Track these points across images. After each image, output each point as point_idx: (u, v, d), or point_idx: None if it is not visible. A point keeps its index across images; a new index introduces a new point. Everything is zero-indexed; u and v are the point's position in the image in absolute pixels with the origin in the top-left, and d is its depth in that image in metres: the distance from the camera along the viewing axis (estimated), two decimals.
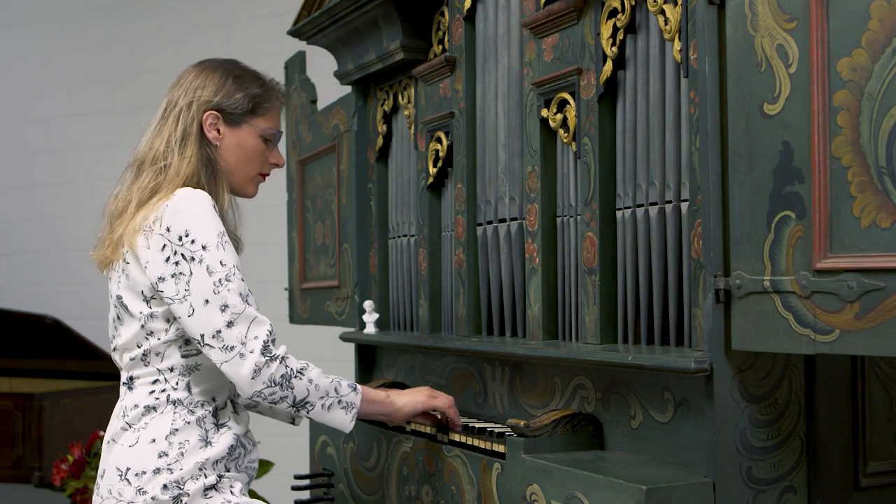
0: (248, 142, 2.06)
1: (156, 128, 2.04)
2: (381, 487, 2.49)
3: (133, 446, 1.90)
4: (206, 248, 1.87)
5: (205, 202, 1.90)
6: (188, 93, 2.03)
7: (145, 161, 2.00)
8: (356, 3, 2.70)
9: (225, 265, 1.87)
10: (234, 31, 5.74)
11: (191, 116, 2.01)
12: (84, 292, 6.26)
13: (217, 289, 1.85)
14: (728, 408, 1.73)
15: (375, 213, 3.00)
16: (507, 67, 2.39)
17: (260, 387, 1.86)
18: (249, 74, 2.10)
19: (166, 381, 1.93)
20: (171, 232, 1.87)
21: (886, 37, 1.44)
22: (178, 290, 1.87)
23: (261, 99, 2.07)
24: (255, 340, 1.86)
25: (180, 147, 1.99)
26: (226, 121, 2.04)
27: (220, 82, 2.05)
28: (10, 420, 5.12)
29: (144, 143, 2.04)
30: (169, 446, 1.88)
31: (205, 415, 1.93)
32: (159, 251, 1.88)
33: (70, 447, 4.24)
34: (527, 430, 1.95)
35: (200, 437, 1.91)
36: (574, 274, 2.16)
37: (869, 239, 1.47)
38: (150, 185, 1.96)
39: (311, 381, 1.92)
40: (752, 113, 1.63)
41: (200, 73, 2.07)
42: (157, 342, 1.92)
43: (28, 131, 6.56)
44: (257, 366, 1.85)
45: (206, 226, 1.88)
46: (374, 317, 2.88)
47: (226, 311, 1.85)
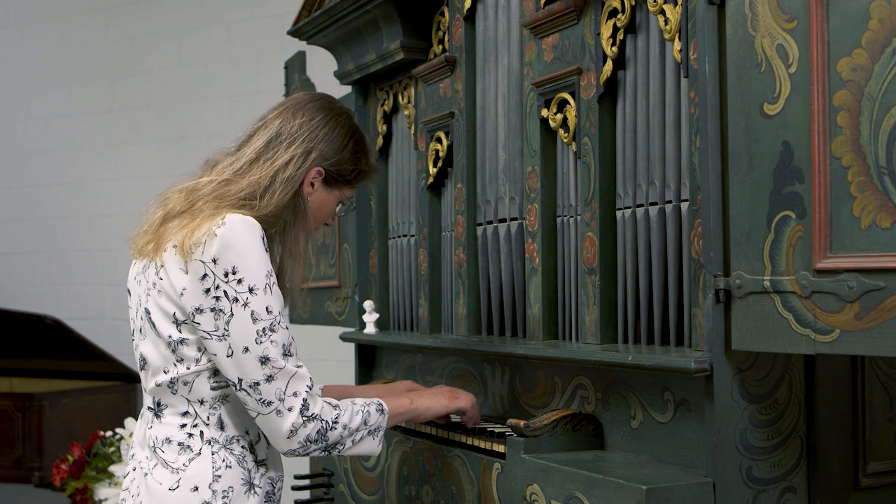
0: (329, 204, 1.99)
1: (262, 152, 1.90)
2: (381, 487, 2.49)
3: (174, 490, 1.80)
4: (254, 291, 1.75)
5: (256, 235, 1.78)
6: (310, 139, 1.92)
7: (238, 183, 1.86)
8: (356, 3, 2.70)
9: (271, 312, 1.76)
10: (234, 31, 5.74)
11: (304, 167, 1.90)
12: (84, 292, 6.27)
13: (260, 339, 1.75)
14: (728, 408, 1.73)
15: (375, 213, 3.00)
16: (507, 67, 2.39)
17: (295, 446, 1.81)
18: (365, 145, 2.02)
19: (197, 414, 1.83)
20: (216, 264, 1.74)
21: (886, 37, 1.44)
22: (217, 325, 1.76)
23: (363, 176, 2.02)
24: (295, 398, 1.78)
25: (281, 193, 1.86)
26: (324, 181, 1.95)
27: (342, 143, 1.96)
28: (10, 420, 5.12)
29: (244, 159, 1.90)
30: (213, 496, 1.79)
31: (243, 453, 1.84)
32: (199, 280, 1.75)
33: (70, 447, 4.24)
34: (527, 430, 1.95)
35: (244, 481, 1.83)
36: (574, 274, 2.16)
37: (869, 239, 1.47)
38: (233, 207, 1.82)
39: (345, 426, 1.85)
40: (752, 113, 1.63)
41: (328, 121, 1.96)
42: (186, 371, 1.81)
43: (28, 131, 6.57)
44: (294, 426, 1.78)
45: (256, 264, 1.76)
46: (374, 317, 2.88)
47: (266, 365, 1.76)
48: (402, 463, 2.38)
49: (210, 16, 5.84)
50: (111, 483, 3.89)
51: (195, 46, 5.89)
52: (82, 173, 6.32)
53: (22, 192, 6.58)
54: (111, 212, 6.14)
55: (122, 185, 6.09)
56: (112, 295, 6.11)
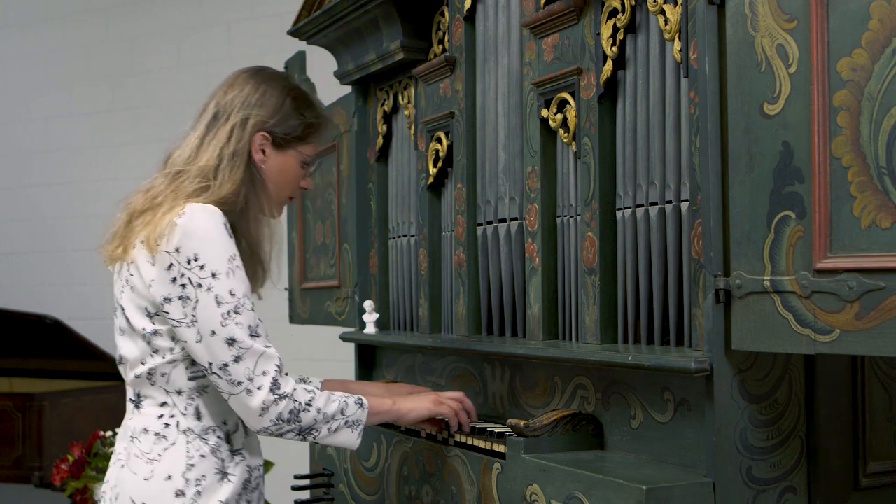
0: (290, 166, 2.00)
1: (205, 135, 1.95)
2: (381, 487, 2.49)
3: (148, 480, 1.83)
4: (216, 276, 1.80)
5: (217, 222, 1.83)
6: (245, 107, 1.95)
7: (189, 171, 1.91)
8: (356, 3, 2.70)
9: (234, 295, 1.81)
10: (234, 31, 5.74)
11: (245, 136, 1.93)
12: (84, 292, 6.27)
13: (225, 321, 1.79)
14: (728, 408, 1.73)
15: (375, 213, 3.00)
16: (507, 67, 2.39)
17: (267, 424, 1.83)
18: (305, 98, 2.03)
19: (174, 405, 1.87)
20: (179, 253, 1.80)
21: (886, 37, 1.44)
22: (185, 313, 1.81)
23: (313, 128, 2.02)
24: (264, 377, 1.81)
25: (231, 168, 1.91)
26: (273, 143, 1.97)
27: (277, 102, 1.97)
28: (10, 420, 5.12)
29: (191, 147, 1.95)
30: (186, 484, 1.82)
31: (218, 443, 1.87)
32: (165, 270, 1.81)
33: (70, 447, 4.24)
34: (527, 430, 1.95)
35: (217, 470, 1.85)
36: (574, 274, 2.16)
37: (869, 239, 1.47)
38: (191, 197, 1.87)
39: (319, 409, 1.88)
40: (752, 113, 1.63)
41: (258, 86, 1.98)
42: (161, 361, 1.86)
43: (28, 131, 6.57)
44: (265, 403, 1.81)
45: (217, 250, 1.81)
46: (374, 317, 2.88)
47: (233, 346, 1.80)
48: (402, 463, 2.38)
49: (210, 16, 5.84)
50: None
51: (195, 46, 5.89)
52: (82, 173, 6.32)
53: (22, 192, 6.58)
54: (111, 212, 6.14)
55: (122, 185, 6.03)
56: (112, 295, 6.10)
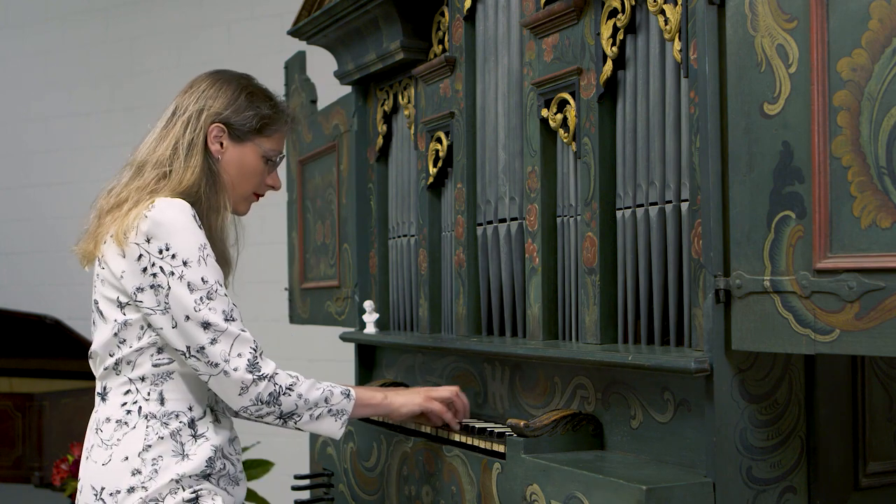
0: (248, 160, 2.04)
1: (162, 130, 2.01)
2: (381, 487, 2.49)
3: (106, 465, 1.87)
4: (187, 264, 1.85)
5: (186, 213, 1.88)
6: (199, 101, 2.01)
7: (148, 163, 1.97)
8: (356, 3, 2.70)
9: (206, 282, 1.86)
10: (234, 31, 5.74)
11: (199, 126, 1.99)
12: (84, 292, 6.23)
13: (198, 307, 1.84)
14: (728, 408, 1.73)
15: (375, 213, 3.00)
16: (507, 67, 2.39)
17: (247, 403, 1.87)
18: (262, 93, 2.08)
19: (137, 391, 1.90)
20: (150, 243, 1.85)
21: (886, 37, 1.44)
22: (157, 301, 1.85)
23: (269, 120, 2.05)
24: (239, 358, 1.85)
25: (186, 155, 1.96)
26: (230, 135, 2.01)
27: (232, 96, 2.02)
28: (10, 420, 5.12)
29: (149, 143, 2.01)
30: (142, 463, 1.85)
31: (180, 427, 1.89)
32: (135, 261, 1.86)
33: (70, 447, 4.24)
34: (527, 430, 1.95)
35: (175, 451, 1.87)
36: (574, 274, 2.16)
37: (869, 239, 1.47)
38: (151, 188, 1.93)
39: (301, 395, 1.91)
40: (752, 113, 1.63)
41: (214, 83, 2.04)
42: (128, 350, 1.90)
43: (28, 131, 6.57)
44: (244, 383, 1.85)
45: (187, 239, 1.86)
46: (374, 317, 2.88)
47: (208, 329, 1.84)
48: (402, 463, 2.38)
49: (210, 16, 5.84)
50: None
51: (195, 46, 5.89)
52: (82, 173, 6.31)
53: (22, 192, 6.58)
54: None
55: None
56: None
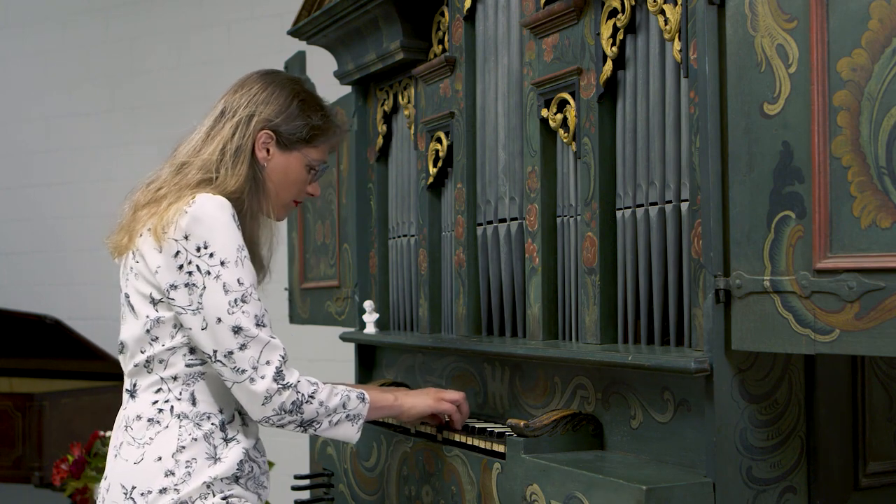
0: (293, 168, 2.00)
1: (210, 130, 1.97)
2: (381, 487, 2.49)
3: (138, 463, 1.84)
4: (225, 264, 1.81)
5: (227, 212, 1.84)
6: (250, 105, 1.96)
7: (192, 164, 1.93)
8: (356, 3, 2.70)
9: (242, 284, 1.82)
10: (234, 31, 5.74)
11: (249, 132, 1.95)
12: (84, 292, 6.27)
13: (232, 309, 1.80)
14: (728, 408, 1.73)
15: (375, 213, 3.00)
16: (507, 67, 2.39)
17: (269, 413, 1.84)
18: (314, 101, 2.04)
19: (169, 390, 1.87)
20: (188, 240, 1.81)
21: (886, 37, 1.44)
22: (191, 300, 1.81)
23: (319, 131, 2.02)
24: (268, 366, 1.82)
25: (233, 162, 1.92)
26: (278, 143, 1.98)
27: (284, 102, 1.98)
28: (10, 420, 5.12)
29: (194, 142, 1.97)
30: (176, 465, 1.82)
31: (212, 429, 1.86)
32: (172, 257, 1.82)
33: (70, 447, 4.24)
34: (527, 430, 1.95)
35: (208, 455, 1.84)
36: (574, 274, 2.16)
37: (869, 239, 1.47)
38: (193, 188, 1.89)
39: (322, 403, 1.89)
40: (752, 113, 1.63)
41: (267, 86, 1.99)
42: (161, 348, 1.86)
43: (28, 131, 6.57)
44: (269, 392, 1.82)
45: (227, 239, 1.82)
46: (374, 317, 2.88)
47: (239, 334, 1.80)
48: (402, 463, 2.38)
49: (210, 16, 5.84)
50: None
51: (195, 46, 5.89)
52: (82, 173, 6.31)
53: (22, 192, 6.58)
54: (111, 212, 6.12)
55: (122, 185, 6.03)
56: (112, 295, 6.05)
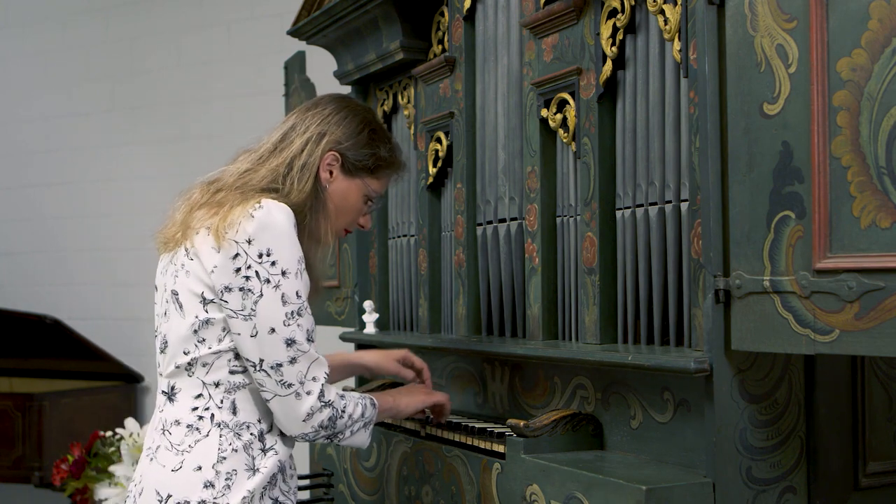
0: (352, 195, 2.00)
1: (279, 143, 1.96)
2: (381, 487, 2.49)
3: (176, 471, 1.79)
4: (286, 274, 1.78)
5: (290, 221, 1.82)
6: (322, 124, 1.97)
7: (258, 171, 1.91)
8: (356, 3, 2.70)
9: (300, 297, 1.80)
10: (234, 31, 5.74)
11: (318, 150, 1.94)
12: (84, 292, 6.27)
13: (288, 321, 1.78)
14: (728, 408, 1.73)
15: (375, 213, 3.00)
16: (507, 67, 2.39)
17: (308, 430, 1.82)
18: (383, 133, 2.05)
19: (210, 397, 1.83)
20: (251, 245, 1.77)
21: (886, 37, 1.44)
22: (244, 305, 1.78)
23: (384, 163, 2.03)
24: (314, 382, 1.81)
25: (300, 176, 1.91)
26: (343, 167, 1.97)
27: (355, 129, 1.98)
28: (10, 420, 5.12)
29: (261, 151, 1.96)
30: (216, 476, 1.78)
31: (251, 440, 1.83)
32: (230, 259, 1.78)
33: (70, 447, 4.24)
34: (527, 430, 1.95)
35: (247, 466, 1.81)
36: (574, 274, 2.16)
37: (869, 239, 1.47)
38: (258, 194, 1.86)
39: (350, 416, 1.88)
40: (752, 113, 1.63)
41: (340, 110, 2.00)
42: (207, 351, 1.82)
43: (27, 131, 6.57)
44: (312, 410, 1.80)
45: (290, 249, 1.80)
46: (374, 317, 2.88)
47: (291, 347, 1.78)
48: (402, 463, 2.38)
49: (210, 16, 5.84)
50: (111, 483, 3.89)
51: (195, 46, 5.89)
52: (82, 173, 6.31)
53: (22, 192, 6.58)
54: (111, 212, 6.14)
55: (122, 185, 6.09)
56: (112, 295, 6.11)
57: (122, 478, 3.69)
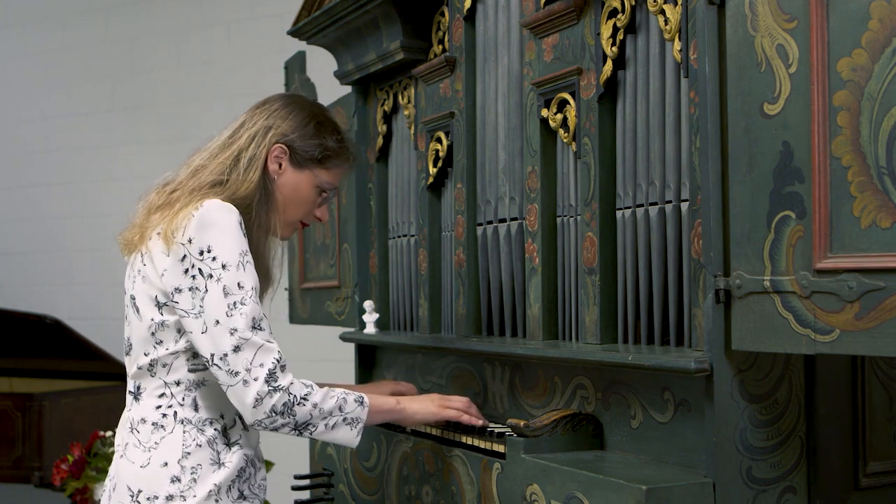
0: (303, 187, 2.04)
1: (228, 139, 2.02)
2: (381, 487, 2.49)
3: (145, 467, 1.87)
4: (226, 267, 1.83)
5: (233, 217, 1.87)
6: (269, 118, 2.02)
7: (206, 168, 1.97)
8: (356, 3, 2.70)
9: (242, 287, 1.83)
10: (234, 31, 5.74)
11: (265, 143, 2.00)
12: (84, 292, 6.27)
13: (230, 311, 1.81)
14: (728, 408, 1.73)
15: (375, 213, 3.00)
16: (507, 67, 2.39)
17: (261, 416, 1.83)
18: (331, 125, 2.09)
19: (172, 395, 1.89)
20: (192, 244, 1.83)
21: (886, 37, 1.44)
22: (193, 304, 1.83)
23: (332, 153, 2.06)
24: (261, 368, 1.82)
25: (246, 168, 1.96)
26: (291, 159, 2.02)
27: (301, 121, 2.03)
28: (10, 420, 5.12)
29: (211, 149, 2.02)
30: (181, 471, 1.85)
31: (215, 435, 1.89)
32: (178, 261, 1.84)
33: (70, 447, 4.24)
34: (527, 430, 1.95)
35: (213, 460, 1.87)
36: (574, 274, 2.16)
37: (869, 239, 1.47)
38: (204, 192, 1.92)
39: (315, 405, 1.88)
40: (752, 113, 1.63)
41: (287, 104, 2.06)
42: (164, 352, 1.89)
43: (28, 131, 6.57)
44: (259, 395, 1.81)
45: (230, 243, 1.84)
46: (374, 317, 2.88)
47: (233, 335, 1.81)
48: (402, 463, 2.38)
49: (210, 16, 5.84)
50: None
51: (195, 46, 5.89)
52: (82, 173, 6.32)
53: (22, 192, 6.58)
54: (111, 212, 6.14)
55: (122, 185, 6.09)
56: (112, 295, 6.11)
57: None
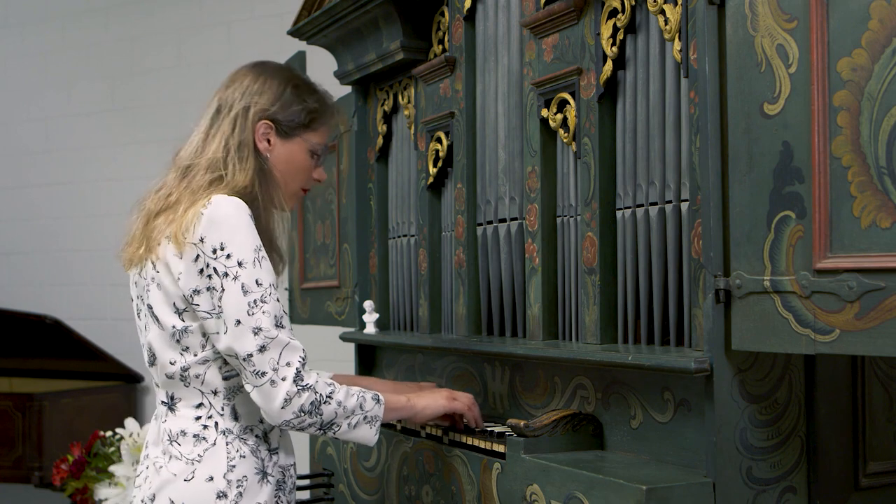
0: (297, 156, 1.98)
1: (209, 129, 1.94)
2: (381, 487, 2.49)
3: (189, 481, 1.81)
4: (243, 265, 1.78)
5: (243, 213, 1.81)
6: (245, 97, 1.94)
7: (198, 165, 1.90)
8: (356, 3, 2.70)
9: (261, 284, 1.78)
10: (234, 31, 5.74)
11: (248, 124, 1.92)
12: (84, 292, 6.27)
13: (251, 310, 1.77)
14: (728, 408, 1.73)
15: (375, 213, 3.00)
16: (507, 67, 2.39)
17: (289, 416, 1.80)
18: (306, 86, 2.01)
19: (211, 405, 1.85)
20: (204, 243, 1.78)
21: (886, 37, 1.44)
22: (213, 304, 1.79)
23: (317, 114, 2.00)
24: (288, 368, 1.79)
25: (239, 157, 1.90)
26: (278, 132, 1.95)
27: (278, 90, 1.96)
28: (10, 420, 5.13)
29: (195, 143, 1.94)
30: (227, 486, 1.81)
31: (257, 443, 1.87)
32: (192, 262, 1.79)
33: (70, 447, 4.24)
34: (527, 430, 1.95)
35: (257, 470, 1.85)
36: (574, 274, 2.16)
37: (869, 239, 1.47)
38: (205, 189, 1.86)
39: (340, 403, 1.85)
40: (752, 113, 1.63)
41: (258, 76, 1.98)
42: (192, 359, 1.84)
43: (27, 131, 6.57)
44: (289, 395, 1.78)
45: (243, 239, 1.79)
46: (374, 317, 2.88)
47: (258, 335, 1.77)
48: (402, 463, 2.38)
49: (210, 16, 5.84)
50: (111, 483, 3.89)
51: (195, 46, 5.89)
52: (82, 173, 6.32)
53: (22, 192, 6.58)
54: (111, 212, 6.15)
55: (122, 185, 6.09)
56: (112, 295, 6.11)
57: (122, 478, 3.69)
